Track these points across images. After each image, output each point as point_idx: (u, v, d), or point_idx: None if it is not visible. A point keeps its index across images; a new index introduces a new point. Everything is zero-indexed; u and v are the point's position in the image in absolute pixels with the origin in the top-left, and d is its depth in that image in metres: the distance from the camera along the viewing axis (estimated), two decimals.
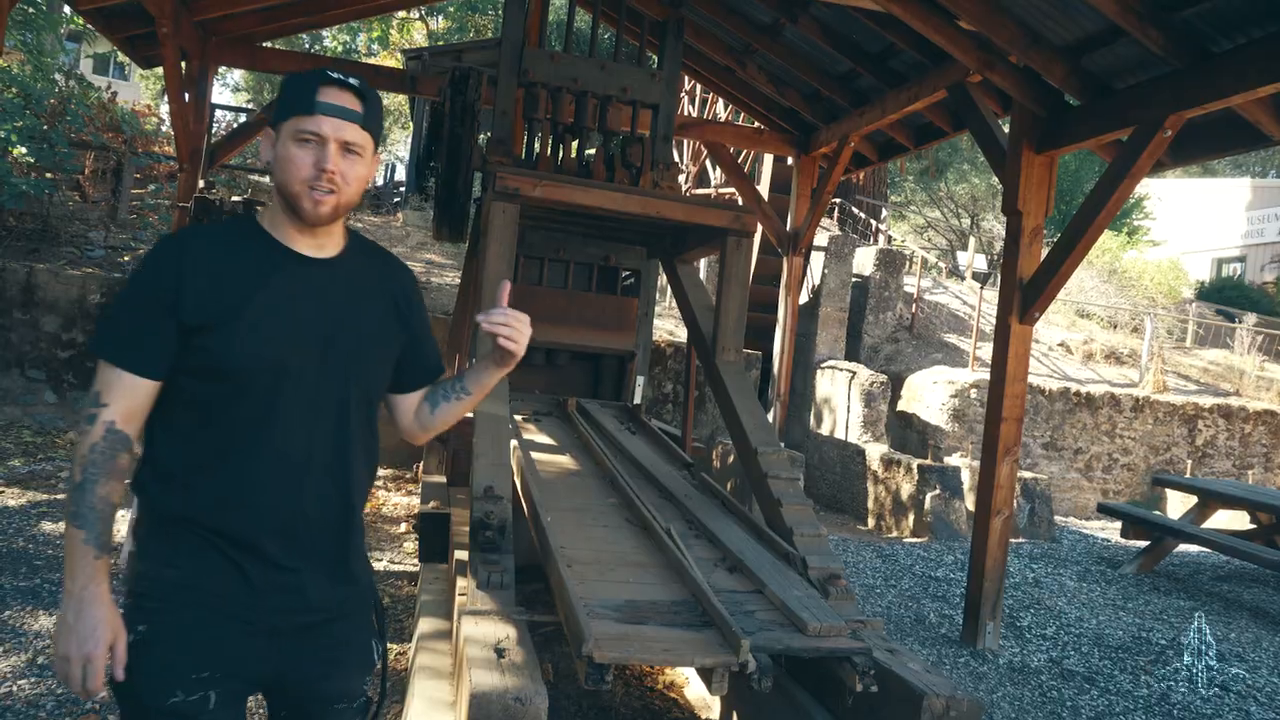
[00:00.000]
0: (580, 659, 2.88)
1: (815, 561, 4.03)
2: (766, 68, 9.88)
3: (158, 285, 2.02)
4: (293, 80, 2.10)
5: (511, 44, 6.52)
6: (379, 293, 2.27)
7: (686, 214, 5.29)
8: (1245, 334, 20.68)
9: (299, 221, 2.09)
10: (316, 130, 2.02)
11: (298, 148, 2.03)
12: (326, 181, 2.03)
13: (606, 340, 6.76)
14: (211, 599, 2.04)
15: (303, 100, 2.03)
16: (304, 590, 2.11)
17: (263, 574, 2.06)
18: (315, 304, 2.12)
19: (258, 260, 2.09)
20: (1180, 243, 34.77)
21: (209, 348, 2.00)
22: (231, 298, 2.02)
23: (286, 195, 2.06)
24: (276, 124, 2.08)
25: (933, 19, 6.30)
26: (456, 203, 7.24)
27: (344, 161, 2.05)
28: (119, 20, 8.65)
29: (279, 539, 2.07)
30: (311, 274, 2.13)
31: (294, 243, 2.12)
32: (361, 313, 2.20)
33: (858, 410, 13.00)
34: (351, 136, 2.05)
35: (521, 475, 4.56)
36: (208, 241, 2.10)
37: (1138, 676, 6.09)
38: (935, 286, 20.55)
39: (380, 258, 2.35)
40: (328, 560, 2.16)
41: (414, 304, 2.35)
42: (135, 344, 2.01)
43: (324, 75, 2.05)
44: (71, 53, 27.33)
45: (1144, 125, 5.56)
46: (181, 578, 2.04)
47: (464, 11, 28.46)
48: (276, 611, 2.08)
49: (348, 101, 2.05)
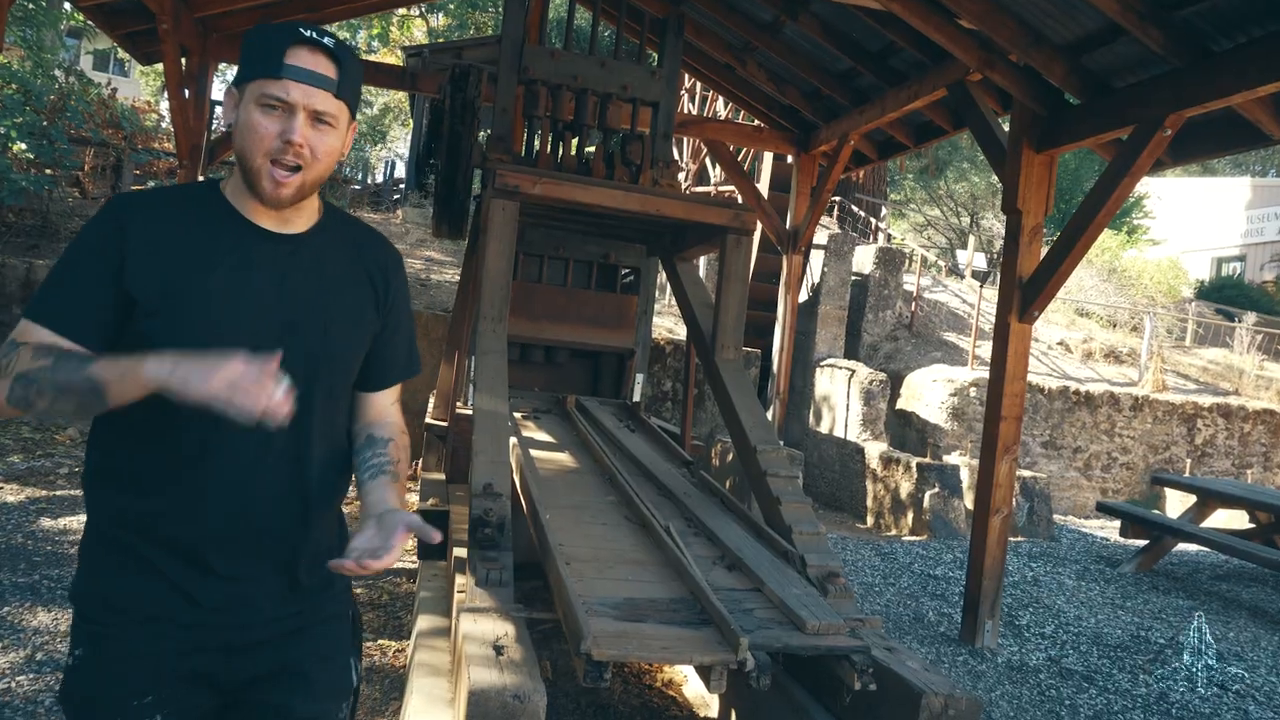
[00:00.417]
0: (579, 656, 2.88)
1: (814, 560, 4.03)
2: (766, 65, 9.87)
3: (100, 250, 1.81)
4: (258, 36, 1.84)
5: (511, 41, 6.52)
6: (353, 274, 2.03)
7: (686, 212, 5.29)
8: (1245, 333, 20.68)
9: (257, 200, 1.88)
10: (284, 96, 1.79)
11: (262, 114, 1.80)
12: (293, 155, 1.81)
13: (606, 338, 6.76)
14: (154, 617, 1.87)
15: (269, 60, 1.79)
16: (254, 602, 1.93)
17: (208, 587, 1.88)
18: (275, 287, 1.90)
19: (213, 234, 1.87)
20: (1180, 242, 34.78)
21: (151, 335, 1.78)
22: (179, 277, 1.81)
23: (246, 169, 1.84)
24: (240, 84, 1.84)
25: (933, 17, 6.30)
26: (456, 200, 7.23)
27: (313, 133, 1.83)
28: (119, 17, 8.65)
29: (225, 548, 1.88)
30: (274, 252, 1.91)
31: (256, 216, 1.91)
32: (330, 297, 1.97)
33: (857, 408, 13.00)
34: (323, 105, 1.82)
35: (520, 472, 4.55)
36: (159, 208, 1.88)
37: (1136, 675, 6.09)
38: (935, 285, 20.55)
39: (358, 233, 2.10)
40: (281, 568, 1.96)
41: (393, 289, 2.11)
42: (71, 308, 1.80)
43: (294, 32, 1.81)
44: (71, 49, 27.35)
45: (1144, 124, 5.56)
46: (122, 595, 1.87)
47: (464, 8, 28.44)
48: (227, 628, 1.91)
49: (321, 65, 1.81)
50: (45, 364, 1.70)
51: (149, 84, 32.76)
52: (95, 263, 1.80)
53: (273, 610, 1.96)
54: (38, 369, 1.70)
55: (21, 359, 1.73)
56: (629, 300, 6.86)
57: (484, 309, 4.98)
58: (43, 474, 7.91)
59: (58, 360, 1.71)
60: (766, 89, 10.17)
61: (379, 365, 2.10)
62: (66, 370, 1.70)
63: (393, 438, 2.10)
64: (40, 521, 6.57)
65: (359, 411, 2.13)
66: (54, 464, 8.21)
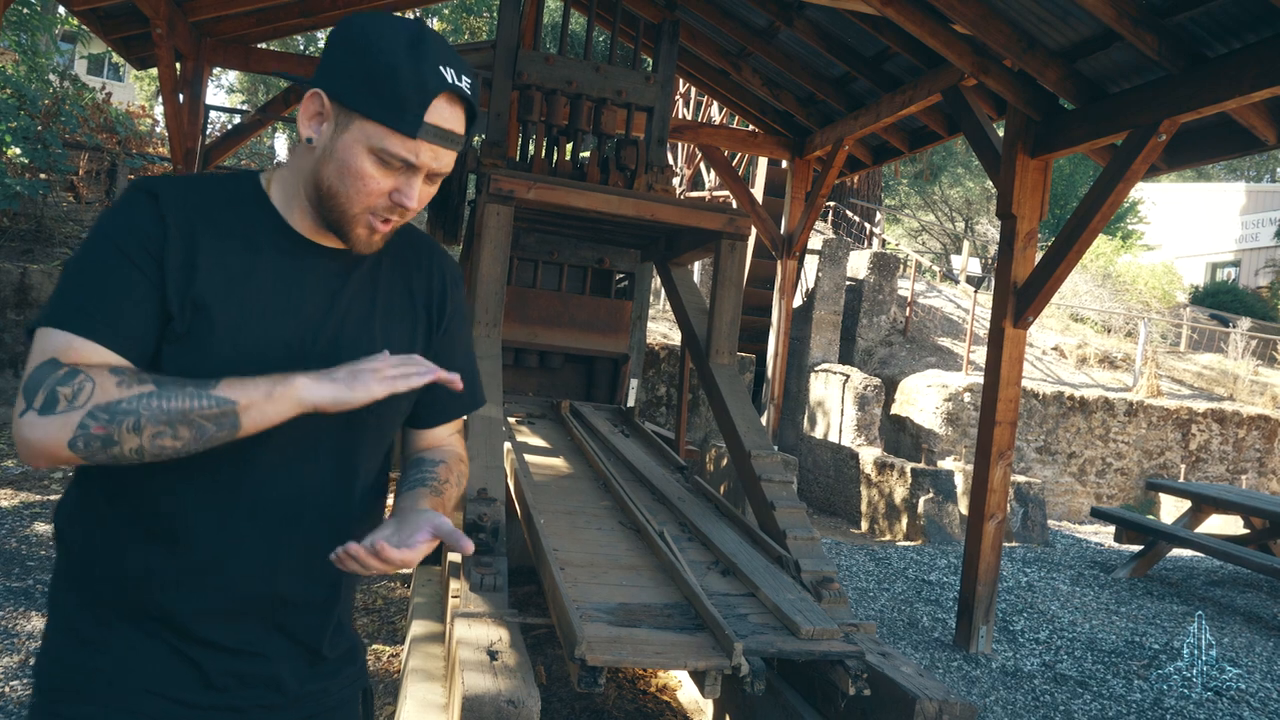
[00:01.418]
0: (573, 662, 2.87)
1: (808, 565, 4.03)
2: (761, 71, 9.89)
3: (146, 246, 1.47)
4: (395, 64, 1.46)
5: (506, 46, 6.52)
6: (409, 297, 1.74)
7: (680, 217, 5.29)
8: (1239, 338, 20.73)
9: (328, 232, 1.60)
10: (412, 161, 1.50)
11: (375, 166, 1.50)
12: (399, 215, 1.56)
13: (600, 343, 6.76)
14: (152, 695, 1.53)
15: (404, 109, 1.47)
16: (279, 681, 1.63)
17: (223, 663, 1.57)
18: (324, 309, 1.60)
19: (254, 244, 1.56)
20: (1174, 247, 34.90)
21: (178, 355, 1.47)
22: (217, 287, 1.50)
23: (334, 209, 1.55)
24: (348, 106, 1.50)
25: (928, 22, 6.31)
26: (451, 205, 7.23)
27: (426, 189, 1.56)
28: (114, 21, 8.65)
29: (247, 621, 1.58)
30: (325, 269, 1.62)
31: (306, 229, 1.61)
32: (384, 321, 1.68)
33: (851, 413, 13.00)
34: (446, 165, 1.55)
35: (515, 477, 4.55)
36: (202, 205, 1.55)
37: (1131, 681, 6.09)
38: (929, 290, 20.57)
39: (419, 250, 1.79)
40: (311, 641, 1.68)
41: (449, 310, 1.80)
42: (126, 318, 1.44)
43: (440, 77, 1.48)
44: (66, 53, 27.32)
45: (1138, 129, 5.57)
46: (113, 668, 1.52)
47: (459, 13, 28.45)
48: (240, 710, 1.60)
49: (457, 122, 1.53)
50: (145, 389, 1.36)
51: (144, 89, 32.74)
52: (143, 256, 1.47)
53: (299, 689, 1.67)
54: (133, 396, 1.35)
55: (101, 384, 1.35)
56: (623, 305, 6.86)
57: (478, 314, 4.98)
58: (37, 478, 7.89)
59: (161, 383, 1.38)
60: (761, 94, 10.18)
61: (433, 399, 1.76)
62: (179, 394, 1.37)
63: (445, 460, 1.81)
64: (34, 526, 6.56)
65: (410, 445, 1.86)
66: (48, 469, 8.20)
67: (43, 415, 1.33)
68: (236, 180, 1.63)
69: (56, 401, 1.33)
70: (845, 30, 8.16)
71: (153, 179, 1.56)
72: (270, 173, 1.65)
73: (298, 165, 1.60)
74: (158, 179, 1.55)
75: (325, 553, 1.56)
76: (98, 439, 1.33)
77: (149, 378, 1.38)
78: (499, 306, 5.03)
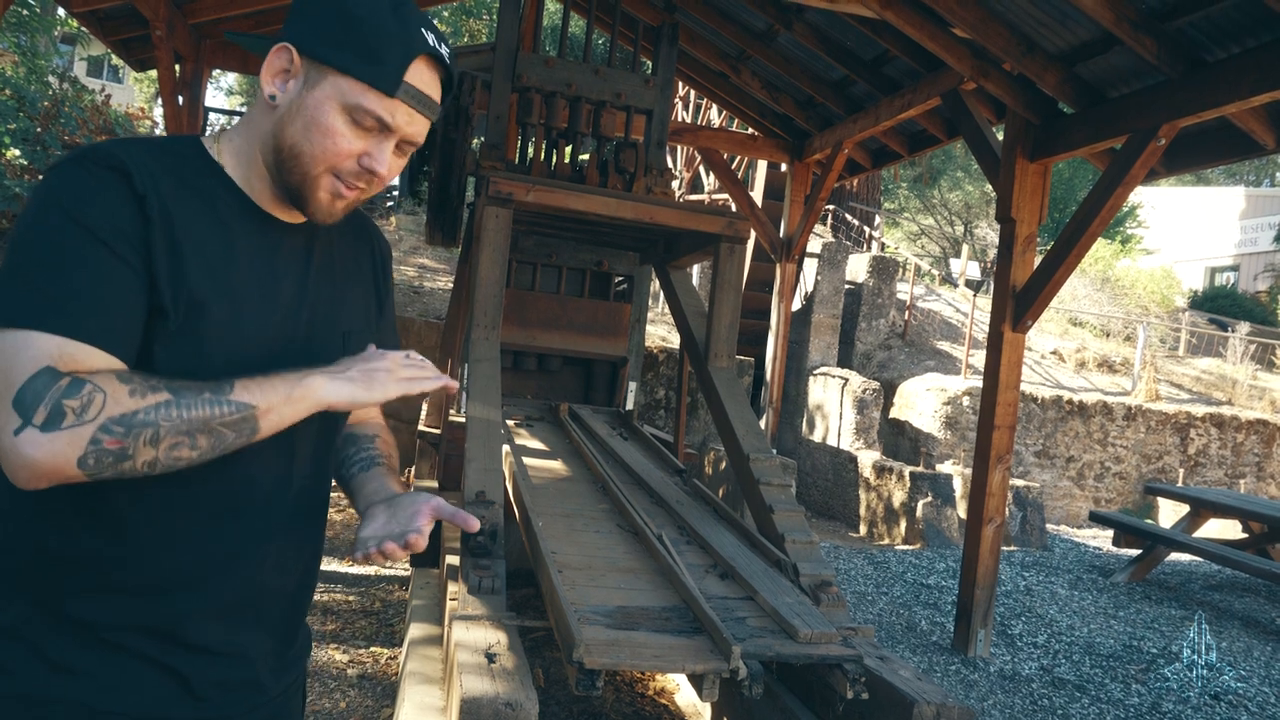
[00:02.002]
0: (571, 664, 2.87)
1: (807, 568, 4.03)
2: (760, 74, 9.89)
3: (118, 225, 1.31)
4: (378, 21, 1.40)
5: (506, 49, 6.52)
6: (360, 271, 1.70)
7: (679, 220, 5.29)
8: (1238, 343, 20.73)
9: (287, 201, 1.50)
10: (388, 120, 1.43)
11: (347, 124, 1.41)
12: (365, 182, 1.48)
13: (599, 345, 6.76)
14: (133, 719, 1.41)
15: (383, 65, 1.40)
16: (259, 683, 1.56)
17: (207, 670, 1.47)
18: (299, 293, 1.54)
19: (226, 221, 1.45)
20: (1173, 251, 34.93)
21: (173, 352, 1.35)
22: (205, 278, 1.38)
23: (297, 171, 1.44)
24: (318, 61, 1.41)
25: (927, 26, 6.31)
26: (450, 207, 7.24)
27: (395, 160, 1.48)
28: (113, 23, 8.64)
29: (228, 619, 1.48)
30: (290, 247, 1.54)
31: (262, 200, 1.50)
32: (341, 297, 1.63)
33: (850, 417, 13.00)
34: (419, 131, 1.48)
35: (513, 480, 4.55)
36: (162, 173, 1.38)
37: (1129, 685, 6.08)
38: (928, 294, 20.56)
39: (358, 222, 1.74)
40: (282, 632, 1.61)
41: (387, 284, 1.79)
42: (101, 309, 1.28)
43: (422, 38, 1.43)
44: (65, 55, 27.34)
45: (1138, 133, 5.57)
46: (90, 695, 1.36)
47: (458, 16, 28.49)
48: (226, 719, 1.52)
49: (434, 89, 1.47)
50: (161, 397, 1.26)
51: (143, 90, 32.80)
52: (126, 248, 1.31)
53: (273, 683, 1.60)
54: (149, 406, 1.25)
55: (113, 393, 1.24)
56: (622, 308, 6.86)
57: (477, 316, 4.98)
58: None
59: (175, 389, 1.28)
60: (760, 97, 10.18)
61: None
62: (197, 401, 1.28)
63: (378, 434, 1.80)
64: None
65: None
66: None
67: (46, 431, 1.19)
68: (183, 146, 1.48)
69: (63, 416, 1.20)
70: (844, 33, 8.16)
71: (109, 148, 1.36)
72: (217, 140, 1.51)
73: (254, 128, 1.48)
74: (114, 147, 1.37)
75: (302, 542, 1.59)
76: (110, 454, 1.23)
77: (161, 383, 1.27)
78: (498, 309, 5.03)
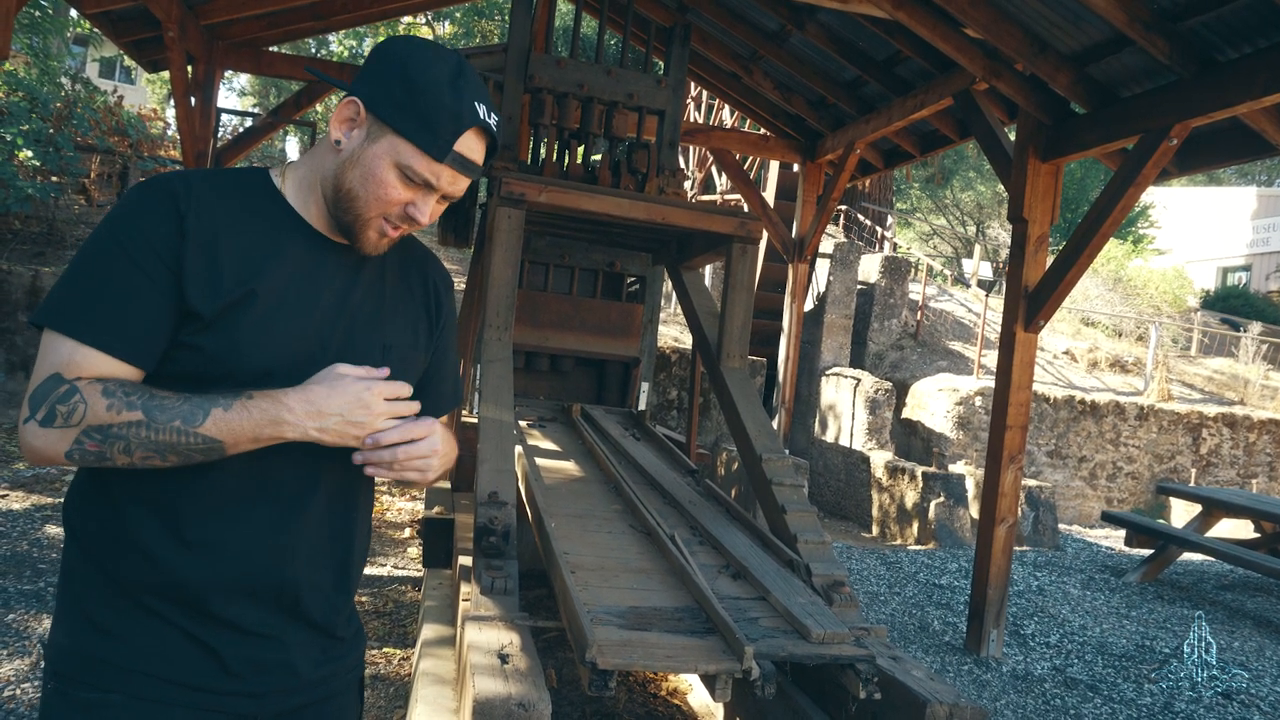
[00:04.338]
0: (584, 665, 2.88)
1: (819, 569, 4.03)
2: (773, 74, 9.89)
3: (157, 247, 1.51)
4: (437, 93, 1.58)
5: (518, 49, 6.52)
6: (412, 295, 1.84)
7: (692, 220, 5.29)
8: (1250, 343, 20.66)
9: (338, 233, 1.70)
10: (433, 182, 1.62)
11: (397, 178, 1.61)
12: (408, 224, 1.67)
13: (611, 346, 6.76)
14: (171, 684, 1.57)
15: (436, 134, 1.58)
16: (292, 665, 1.68)
17: (240, 648, 1.61)
18: (339, 303, 1.69)
19: (272, 237, 1.63)
20: (1185, 251, 34.81)
21: (203, 347, 1.53)
22: (237, 287, 1.55)
23: (351, 212, 1.64)
24: (380, 119, 1.60)
25: (940, 27, 6.31)
26: (462, 208, 7.24)
27: (437, 208, 1.68)
28: (125, 24, 8.68)
29: (262, 602, 1.63)
30: (338, 264, 1.70)
31: (322, 227, 1.70)
32: (390, 318, 1.77)
33: (862, 417, 12.98)
34: (461, 188, 1.67)
35: (526, 481, 4.55)
36: (216, 198, 1.60)
37: (1141, 685, 6.07)
38: (940, 294, 20.54)
39: (416, 254, 1.89)
40: (321, 625, 1.73)
41: (444, 314, 1.90)
42: (131, 324, 1.50)
43: (474, 113, 1.60)
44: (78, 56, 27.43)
45: (1150, 134, 5.56)
46: (129, 656, 1.55)
47: (470, 17, 28.51)
48: (257, 696, 1.64)
49: (479, 154, 1.65)
50: (134, 418, 1.45)
51: (155, 91, 32.86)
52: (153, 263, 1.51)
53: (311, 673, 1.72)
54: (123, 424, 1.45)
55: (93, 406, 1.45)
56: (634, 309, 6.86)
57: (489, 317, 4.98)
58: (48, 481, 7.92)
59: (149, 410, 1.46)
60: (773, 98, 10.18)
61: (424, 397, 1.76)
62: (166, 429, 1.47)
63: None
64: (45, 529, 6.58)
65: None
66: (59, 471, 8.22)
67: (44, 427, 1.45)
68: (249, 175, 1.70)
69: (55, 417, 1.45)
70: (856, 34, 8.16)
71: (168, 176, 1.60)
72: (283, 170, 1.73)
73: (318, 164, 1.69)
74: (173, 176, 1.60)
75: (337, 529, 1.73)
76: (91, 454, 1.46)
77: (139, 403, 1.46)
78: (510, 310, 5.03)
